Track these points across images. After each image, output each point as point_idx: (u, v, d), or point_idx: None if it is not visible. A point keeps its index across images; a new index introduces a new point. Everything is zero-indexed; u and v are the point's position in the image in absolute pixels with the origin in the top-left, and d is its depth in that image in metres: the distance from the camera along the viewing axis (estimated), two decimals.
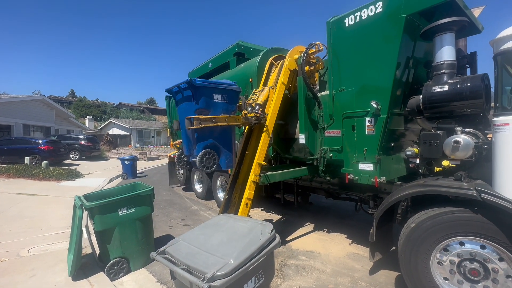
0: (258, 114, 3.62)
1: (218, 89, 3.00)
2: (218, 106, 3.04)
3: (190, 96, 2.84)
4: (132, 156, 11.48)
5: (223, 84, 3.08)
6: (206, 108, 2.94)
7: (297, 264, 3.38)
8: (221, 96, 3.01)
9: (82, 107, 42.45)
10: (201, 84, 2.80)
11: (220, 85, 3.03)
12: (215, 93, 2.97)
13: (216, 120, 2.97)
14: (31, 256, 3.59)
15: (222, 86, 3.05)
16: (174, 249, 1.82)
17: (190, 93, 2.83)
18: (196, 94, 2.81)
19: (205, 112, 2.94)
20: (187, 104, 2.93)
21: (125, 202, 3.15)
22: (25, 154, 12.31)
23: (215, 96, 2.96)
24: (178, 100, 3.10)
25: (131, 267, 3.25)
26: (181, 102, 3.05)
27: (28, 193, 7.32)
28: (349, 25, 3.18)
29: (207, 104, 2.94)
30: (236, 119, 3.26)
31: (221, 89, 3.03)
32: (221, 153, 3.14)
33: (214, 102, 2.99)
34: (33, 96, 21.35)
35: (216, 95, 2.97)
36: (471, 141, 2.42)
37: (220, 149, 3.12)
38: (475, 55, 3.13)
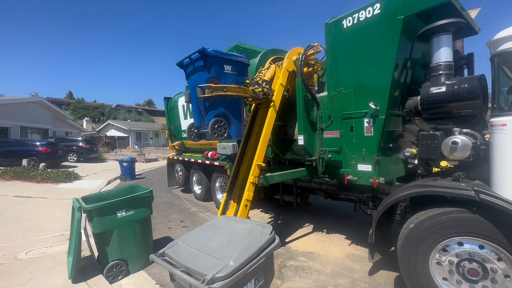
0: (266, 89, 3.75)
1: (229, 60, 3.09)
2: (228, 77, 3.12)
3: (202, 66, 2.93)
4: (130, 157, 11.44)
5: (233, 56, 3.16)
6: (217, 77, 3.02)
7: (296, 265, 3.38)
8: (231, 68, 3.11)
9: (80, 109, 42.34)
10: (212, 53, 2.89)
11: (230, 56, 3.12)
12: (226, 64, 3.06)
13: (226, 89, 3.03)
14: (29, 259, 3.56)
15: (232, 58, 3.14)
16: (173, 251, 1.82)
17: (202, 63, 2.92)
18: (208, 63, 2.89)
19: (216, 81, 3.01)
20: (199, 75, 3.01)
21: (123, 204, 3.14)
22: (23, 156, 12.24)
23: (226, 66, 3.05)
24: (189, 72, 3.16)
25: (130, 270, 3.24)
26: (192, 74, 3.11)
27: (25, 195, 7.28)
28: (347, 27, 3.20)
29: (218, 74, 3.02)
30: (245, 91, 3.32)
31: (231, 60, 3.12)
32: (231, 122, 3.19)
33: (224, 72, 3.07)
34: (31, 98, 21.29)
35: (226, 65, 3.06)
36: (469, 141, 2.43)
37: (230, 118, 3.18)
38: (472, 56, 3.15)
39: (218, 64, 2.98)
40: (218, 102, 3.04)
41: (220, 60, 3.01)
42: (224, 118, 3.09)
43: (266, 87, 3.81)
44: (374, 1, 2.91)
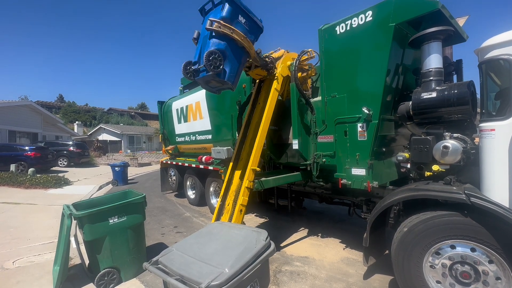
0: (269, 59, 3.85)
1: (245, 13, 3.19)
2: (239, 27, 3.16)
3: (220, 3, 3.02)
4: (123, 162, 11.27)
5: (250, 12, 3.26)
6: (230, 20, 3.06)
7: (291, 270, 3.36)
8: (245, 21, 3.19)
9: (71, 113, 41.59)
10: None
11: (248, 11, 3.22)
12: (241, 15, 3.15)
13: (234, 32, 3.04)
14: (16, 268, 3.45)
15: (249, 14, 3.24)
16: (167, 259, 1.78)
17: (221, 5, 3.01)
18: (226, 4, 2.98)
19: (228, 22, 3.04)
20: (214, 12, 3.08)
21: (116, 210, 3.08)
22: (11, 161, 11.91)
23: (240, 17, 3.14)
24: (207, 11, 3.22)
25: (122, 278, 3.16)
26: (209, 12, 3.18)
27: (13, 201, 7.07)
28: (340, 33, 3.25)
29: (231, 17, 3.06)
30: (250, 46, 3.32)
31: (247, 15, 3.21)
32: (227, 61, 3.16)
33: (237, 21, 3.13)
34: (20, 102, 20.80)
35: (241, 17, 3.15)
36: (459, 146, 2.49)
37: (227, 57, 3.15)
38: (461, 63, 3.24)
39: (235, 10, 3.07)
40: (222, 40, 3.05)
41: (238, 8, 3.10)
42: (222, 54, 3.08)
43: (270, 58, 3.92)
44: (366, 9, 2.97)
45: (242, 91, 4.69)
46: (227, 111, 5.09)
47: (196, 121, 6.14)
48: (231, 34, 3.03)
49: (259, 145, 3.69)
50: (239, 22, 3.16)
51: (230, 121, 5.01)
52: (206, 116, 5.71)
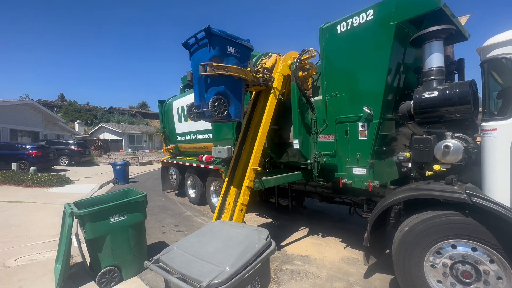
0: (267, 75, 3.80)
1: (233, 42, 3.14)
2: (230, 58, 3.15)
3: (206, 43, 2.97)
4: (123, 161, 11.29)
5: (237, 39, 3.20)
6: (220, 57, 3.05)
7: (292, 269, 3.37)
8: (234, 50, 3.15)
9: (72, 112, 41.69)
10: (217, 33, 2.94)
11: (234, 39, 3.17)
12: (229, 45, 3.11)
13: (228, 69, 3.05)
14: (18, 266, 3.46)
15: (237, 40, 3.18)
16: (168, 257, 1.79)
17: (206, 41, 2.96)
18: (212, 41, 2.94)
19: (218, 61, 3.04)
20: (202, 53, 3.04)
21: (117, 209, 3.09)
22: (12, 160, 11.95)
23: (229, 48, 3.10)
24: (193, 51, 3.19)
25: (123, 276, 3.17)
26: (196, 51, 3.15)
27: (15, 200, 7.10)
28: (341, 32, 3.24)
29: (221, 53, 3.05)
30: (246, 73, 3.34)
31: (235, 43, 3.16)
32: (231, 102, 3.20)
33: (227, 53, 3.11)
34: (21, 100, 20.88)
35: (230, 47, 3.11)
36: (460, 145, 2.48)
37: (230, 97, 3.19)
38: (463, 62, 3.23)
39: (222, 44, 3.03)
40: (219, 80, 3.08)
41: (224, 40, 3.06)
42: (224, 96, 3.11)
43: (267, 73, 3.88)
44: (368, 7, 2.96)
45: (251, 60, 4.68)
46: None
47: None
48: (226, 72, 3.04)
49: (260, 145, 3.68)
50: (230, 53, 3.14)
51: None
52: None
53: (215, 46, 2.97)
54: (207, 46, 2.99)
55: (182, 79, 7.53)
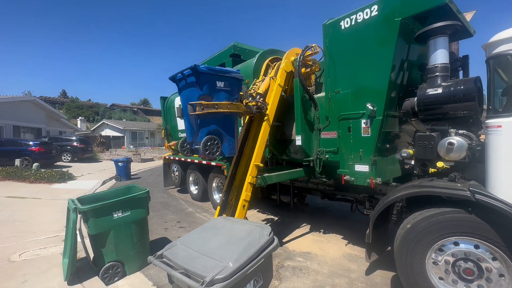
0: (259, 103, 3.69)
1: (222, 76, 3.03)
2: (220, 93, 3.07)
3: (194, 82, 2.86)
4: (125, 157, 11.33)
5: (226, 72, 3.10)
6: (209, 94, 2.96)
7: (294, 265, 3.38)
8: (224, 84, 3.04)
9: (74, 108, 41.76)
10: (204, 71, 2.82)
11: (223, 73, 3.05)
12: (218, 80, 3.00)
13: (218, 106, 2.98)
14: (22, 261, 3.50)
15: (226, 74, 3.07)
16: (171, 253, 1.80)
17: (194, 79, 2.85)
18: (200, 80, 2.83)
19: (208, 98, 2.95)
20: (190, 91, 2.94)
21: (120, 205, 3.11)
22: (16, 156, 12.03)
23: (218, 83, 2.99)
24: (181, 87, 3.10)
25: (126, 271, 3.20)
26: (184, 89, 3.05)
27: (18, 196, 7.16)
28: (345, 28, 3.22)
29: (210, 91, 2.96)
30: (238, 106, 3.28)
31: (224, 77, 3.05)
32: (224, 139, 3.15)
33: (217, 89, 3.01)
34: (24, 97, 20.95)
35: (219, 82, 3.00)
36: (464, 142, 2.47)
37: (223, 135, 3.14)
38: (467, 58, 3.19)
39: (210, 81, 2.91)
40: (210, 119, 2.99)
41: (212, 77, 2.93)
42: (216, 135, 3.04)
43: (260, 100, 3.74)
44: (372, 3, 2.93)
45: (245, 87, 4.67)
46: None
47: None
48: (216, 110, 2.95)
49: (262, 141, 3.68)
50: (219, 88, 3.02)
51: None
52: None
53: (203, 85, 2.85)
54: (194, 85, 2.87)
55: None
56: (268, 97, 3.89)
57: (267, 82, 3.95)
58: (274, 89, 3.84)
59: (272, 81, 3.95)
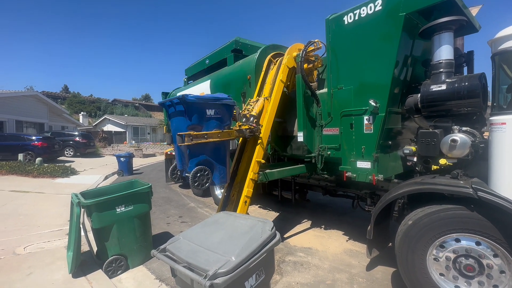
0: (253, 126, 3.56)
1: (212, 104, 2.91)
2: (211, 121, 2.98)
3: (183, 111, 2.76)
4: (127, 153, 11.38)
5: (217, 99, 2.97)
6: (199, 124, 2.89)
7: (295, 260, 3.41)
8: (215, 111, 2.93)
9: (76, 103, 41.86)
10: (193, 101, 2.71)
11: (214, 100, 2.93)
12: (208, 108, 2.89)
13: (208, 136, 2.91)
14: (27, 254, 3.56)
15: (216, 101, 2.95)
16: (174, 247, 1.82)
17: (183, 108, 2.75)
18: (189, 110, 2.73)
19: (197, 128, 2.88)
20: (179, 119, 2.85)
21: (123, 199, 3.13)
22: (19, 151, 12.12)
23: (208, 111, 2.88)
24: (170, 113, 3.01)
25: (130, 265, 3.25)
26: (173, 116, 2.97)
27: (22, 190, 7.23)
28: (348, 23, 3.18)
29: (199, 120, 2.88)
30: (229, 134, 3.20)
31: (214, 104, 2.93)
32: (214, 168, 3.09)
33: (206, 117, 2.92)
34: (26, 92, 21.01)
35: (209, 110, 2.89)
36: (468, 139, 2.46)
37: (213, 164, 3.08)
38: (472, 54, 3.16)
39: (199, 110, 2.82)
40: (200, 149, 2.93)
41: (201, 105, 2.84)
42: (206, 165, 2.99)
43: (253, 125, 3.61)
44: None
45: (247, 83, 4.65)
46: None
47: None
48: (206, 140, 2.86)
49: (264, 137, 3.68)
50: (209, 117, 2.92)
51: None
52: None
53: (192, 115, 2.75)
54: (183, 114, 2.77)
55: (186, 71, 7.50)
56: (262, 118, 3.76)
57: (261, 103, 3.81)
58: (268, 111, 3.72)
59: (267, 102, 3.80)
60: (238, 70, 4.96)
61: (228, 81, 5.17)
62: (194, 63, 7.09)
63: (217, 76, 5.57)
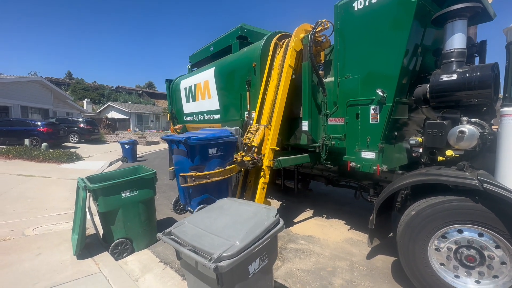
0: (255, 159, 3.51)
1: (214, 144, 2.92)
2: (213, 160, 2.99)
3: (185, 151, 2.76)
4: (132, 140, 11.46)
5: (219, 138, 2.96)
6: (201, 164, 2.90)
7: (296, 247, 3.47)
8: (217, 149, 2.94)
9: (80, 90, 41.91)
10: (196, 143, 2.71)
11: (216, 139, 2.92)
12: (211, 148, 2.90)
13: (210, 176, 2.94)
14: (36, 235, 3.66)
15: (219, 140, 2.94)
16: (180, 231, 1.86)
17: (185, 149, 2.75)
18: (191, 152, 2.74)
19: (200, 168, 2.89)
20: (182, 159, 2.86)
21: (128, 184, 3.18)
22: (25, 136, 12.28)
23: (211, 150, 2.90)
24: (173, 149, 3.03)
25: (135, 248, 3.33)
26: (176, 153, 2.98)
27: (29, 174, 7.36)
28: (358, 9, 3.09)
29: (202, 161, 2.89)
30: (231, 170, 3.20)
31: (216, 143, 2.94)
32: None
33: (209, 156, 2.93)
34: (30, 77, 21.05)
35: (211, 149, 2.90)
36: (476, 131, 2.42)
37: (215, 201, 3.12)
38: (485, 44, 3.06)
39: (201, 151, 2.81)
40: (202, 189, 2.96)
41: (204, 146, 2.83)
42: (209, 203, 2.95)
43: (255, 155, 3.55)
44: None
45: (252, 70, 4.59)
46: (237, 90, 5.02)
47: (204, 101, 6.10)
48: (208, 180, 2.86)
49: (277, 125, 3.72)
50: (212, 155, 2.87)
51: (239, 101, 4.96)
52: (215, 95, 5.67)
53: (194, 157, 2.74)
54: (186, 155, 2.75)
55: (190, 58, 7.41)
56: (264, 147, 3.69)
57: (261, 132, 3.72)
58: (270, 138, 3.68)
59: (267, 130, 3.73)
60: (243, 58, 4.88)
61: (233, 68, 5.11)
62: (198, 50, 6.99)
63: (222, 63, 5.50)
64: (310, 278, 2.80)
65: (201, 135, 2.83)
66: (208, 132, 2.98)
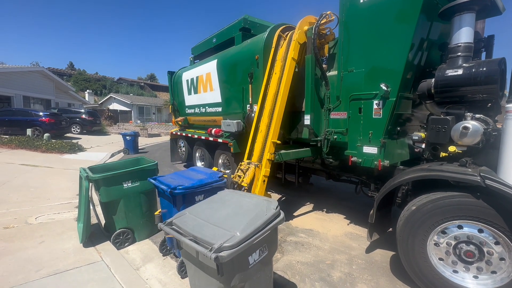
0: None
1: (201, 191, 2.81)
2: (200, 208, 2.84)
3: (171, 199, 2.69)
4: (133, 131, 11.48)
5: (206, 185, 2.83)
6: None
7: (296, 240, 3.50)
8: (204, 196, 2.82)
9: (82, 81, 41.76)
10: (182, 192, 2.61)
11: (202, 186, 2.79)
12: (198, 195, 2.80)
13: None
14: (39, 224, 3.71)
15: (206, 187, 2.82)
16: (181, 221, 1.87)
17: (170, 197, 2.67)
18: (176, 202, 2.66)
19: None
20: (168, 205, 2.78)
21: (129, 175, 3.20)
22: (27, 126, 12.30)
23: (198, 197, 2.80)
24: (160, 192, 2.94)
25: (136, 238, 3.37)
26: (162, 197, 2.91)
27: (32, 164, 7.41)
28: (363, 2, 3.03)
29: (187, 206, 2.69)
30: None
31: (203, 190, 2.83)
32: None
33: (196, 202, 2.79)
34: (32, 67, 20.93)
35: (198, 196, 2.81)
36: (480, 127, 2.40)
37: None
38: (492, 39, 3.00)
39: (188, 199, 2.71)
40: None
41: (190, 195, 2.73)
42: None
43: None
44: None
45: (254, 63, 4.55)
46: (239, 83, 4.99)
47: (206, 93, 6.08)
48: None
49: (278, 118, 3.71)
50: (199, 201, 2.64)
51: (241, 94, 4.94)
52: (217, 88, 5.64)
53: (180, 205, 2.65)
54: (173, 203, 2.67)
55: (192, 50, 7.34)
56: (254, 187, 3.61)
57: (251, 171, 3.60)
58: (259, 178, 3.61)
59: (258, 170, 3.64)
60: (246, 50, 4.84)
61: (235, 61, 5.06)
62: (200, 42, 6.92)
63: (224, 55, 5.45)
64: (309, 271, 2.83)
65: (187, 182, 2.76)
66: (196, 177, 2.89)
